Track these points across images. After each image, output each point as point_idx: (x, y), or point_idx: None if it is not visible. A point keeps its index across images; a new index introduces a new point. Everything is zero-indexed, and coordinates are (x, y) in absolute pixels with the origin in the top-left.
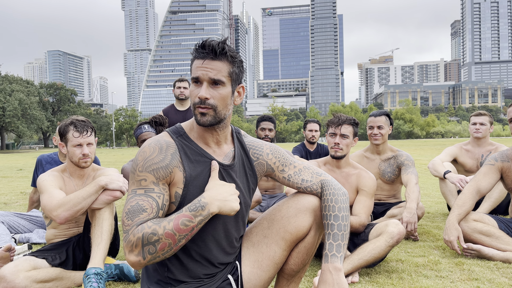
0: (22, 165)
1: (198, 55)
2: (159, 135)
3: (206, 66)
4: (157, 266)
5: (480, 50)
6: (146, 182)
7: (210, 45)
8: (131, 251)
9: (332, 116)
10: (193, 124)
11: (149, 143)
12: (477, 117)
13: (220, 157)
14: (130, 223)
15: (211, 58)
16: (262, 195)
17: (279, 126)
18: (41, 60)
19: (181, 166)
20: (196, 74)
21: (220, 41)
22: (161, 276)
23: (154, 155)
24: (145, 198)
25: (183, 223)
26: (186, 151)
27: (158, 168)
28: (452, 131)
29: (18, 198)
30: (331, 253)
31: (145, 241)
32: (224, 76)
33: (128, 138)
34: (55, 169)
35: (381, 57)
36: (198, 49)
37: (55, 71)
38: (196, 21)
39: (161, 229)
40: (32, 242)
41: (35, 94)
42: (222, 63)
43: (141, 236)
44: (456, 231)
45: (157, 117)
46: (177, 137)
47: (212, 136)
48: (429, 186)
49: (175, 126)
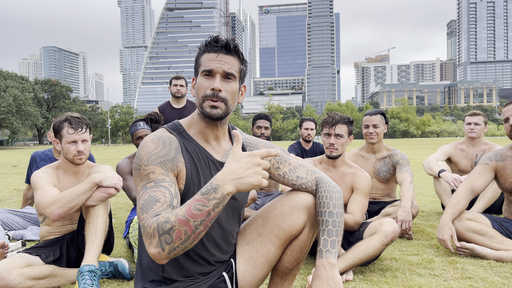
0: (16, 162)
1: (210, 49)
2: (158, 131)
3: (220, 59)
4: (152, 265)
5: (476, 50)
6: (155, 174)
7: (224, 40)
8: (150, 244)
9: (327, 116)
10: (193, 121)
11: (151, 138)
12: (471, 117)
13: (219, 154)
14: (145, 216)
15: (224, 53)
16: (257, 194)
17: (275, 124)
18: (36, 56)
19: (184, 162)
20: (210, 66)
21: (231, 38)
22: (156, 275)
23: (158, 149)
24: (156, 188)
25: (196, 208)
26: (187, 147)
27: (165, 161)
28: (447, 131)
29: (12, 195)
30: (325, 249)
31: (160, 231)
32: (235, 71)
33: (123, 135)
34: (49, 166)
35: (377, 56)
36: (211, 43)
37: (50, 67)
38: (192, 18)
39: (174, 216)
40: (26, 239)
41: (29, 90)
42: (234, 58)
43: (156, 226)
44: (450, 230)
45: (152, 114)
46: (177, 134)
47: (213, 132)
48: (424, 185)
49: (173, 123)
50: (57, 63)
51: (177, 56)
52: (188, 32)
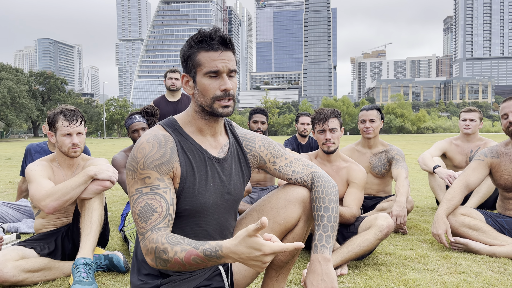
0: (11, 154)
1: (209, 47)
2: (153, 129)
3: (224, 58)
4: (150, 265)
5: (472, 46)
6: (151, 179)
7: (219, 36)
8: (146, 255)
9: (315, 113)
10: (188, 117)
11: (147, 139)
12: (467, 113)
13: (216, 149)
14: (144, 225)
15: (224, 49)
16: (253, 188)
17: (272, 119)
18: (31, 48)
19: (179, 161)
20: (216, 67)
21: (223, 32)
22: (152, 269)
23: (154, 151)
24: (152, 196)
25: (195, 261)
26: (183, 145)
27: (161, 164)
28: (443, 127)
29: (6, 188)
30: (320, 244)
31: (157, 254)
32: (236, 66)
33: (119, 129)
34: (44, 158)
35: (374, 52)
36: (208, 40)
37: (45, 59)
38: (189, 12)
39: (172, 253)
40: (20, 231)
41: (24, 82)
42: (231, 53)
43: (154, 248)
44: (444, 225)
45: (148, 108)
46: (172, 131)
47: (211, 128)
48: (419, 181)
49: (168, 119)
50: (52, 56)
51: (173, 50)
52: (185, 25)
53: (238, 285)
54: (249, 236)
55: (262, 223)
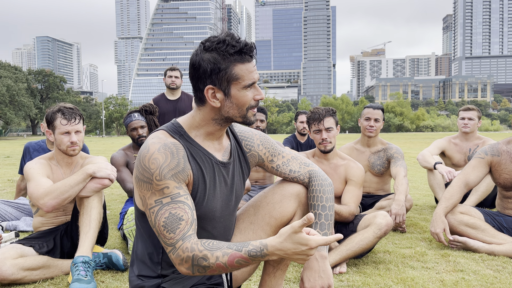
0: (9, 153)
1: (245, 59)
2: (160, 136)
3: (255, 68)
4: (150, 263)
5: (471, 44)
6: (169, 189)
7: (252, 46)
8: (180, 264)
9: (310, 113)
10: (194, 122)
11: (157, 148)
12: (465, 111)
13: (219, 152)
14: (173, 236)
15: (253, 58)
16: (252, 186)
17: (271, 118)
18: (29, 46)
19: (192, 169)
20: (254, 78)
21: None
22: (151, 268)
23: (168, 161)
24: (175, 205)
25: (239, 262)
26: (192, 152)
27: (177, 173)
28: (442, 125)
29: (5, 186)
30: None
31: (195, 262)
32: None
33: (118, 127)
34: (42, 156)
35: (373, 50)
36: (245, 51)
37: (44, 57)
38: (188, 10)
39: (213, 258)
40: (19, 229)
41: (23, 80)
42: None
43: (191, 256)
44: (443, 223)
45: (147, 106)
46: (179, 137)
47: (220, 131)
48: (418, 179)
49: (172, 124)
50: (50, 54)
51: (172, 48)
52: (184, 23)
53: (236, 280)
54: (295, 233)
55: (309, 219)
